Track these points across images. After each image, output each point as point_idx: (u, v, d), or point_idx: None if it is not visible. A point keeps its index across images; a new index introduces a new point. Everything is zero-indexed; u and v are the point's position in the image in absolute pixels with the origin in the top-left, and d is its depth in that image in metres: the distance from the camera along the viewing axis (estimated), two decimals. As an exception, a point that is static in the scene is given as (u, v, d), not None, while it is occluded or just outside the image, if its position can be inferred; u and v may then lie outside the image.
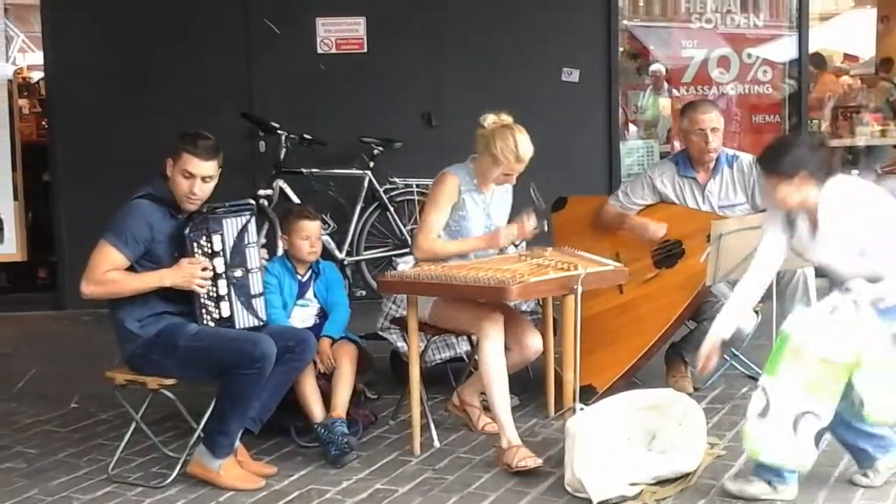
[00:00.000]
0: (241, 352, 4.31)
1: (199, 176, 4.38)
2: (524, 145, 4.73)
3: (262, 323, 4.56)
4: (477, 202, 4.92)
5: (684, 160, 5.59)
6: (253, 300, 4.54)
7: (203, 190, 4.41)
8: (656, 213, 5.59)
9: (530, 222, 4.90)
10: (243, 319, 4.51)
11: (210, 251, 4.43)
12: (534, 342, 4.92)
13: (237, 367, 4.29)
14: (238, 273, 4.49)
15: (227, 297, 4.46)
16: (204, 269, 4.39)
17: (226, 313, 4.47)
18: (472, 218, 4.90)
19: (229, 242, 4.47)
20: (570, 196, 5.99)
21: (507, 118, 4.82)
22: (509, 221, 5.01)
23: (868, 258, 4.00)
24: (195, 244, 4.40)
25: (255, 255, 4.54)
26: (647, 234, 5.46)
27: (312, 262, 5.20)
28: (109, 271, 4.33)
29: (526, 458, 4.46)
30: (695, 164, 5.55)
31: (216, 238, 4.43)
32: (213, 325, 4.44)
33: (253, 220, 4.54)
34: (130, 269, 4.37)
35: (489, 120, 4.81)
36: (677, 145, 8.02)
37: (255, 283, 4.55)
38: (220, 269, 4.44)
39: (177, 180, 4.40)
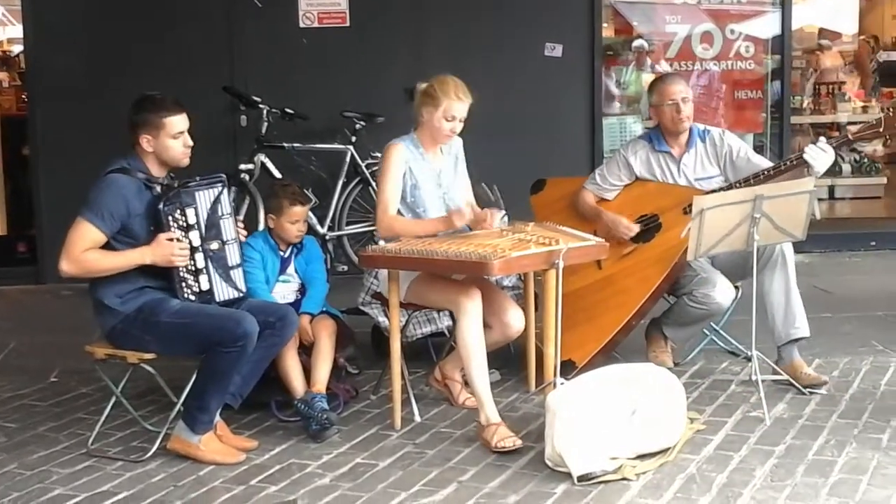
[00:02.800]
0: (223, 329, 4.30)
1: (185, 130, 4.48)
2: (462, 86, 4.85)
3: (241, 294, 4.56)
4: (424, 170, 4.93)
5: (657, 136, 5.58)
6: (231, 272, 4.53)
7: (190, 140, 4.52)
8: (632, 190, 5.58)
9: (494, 219, 4.89)
10: (223, 291, 4.50)
11: (185, 225, 4.41)
12: (515, 321, 4.89)
13: (219, 345, 4.29)
14: (214, 245, 4.48)
15: (205, 270, 4.45)
16: (181, 243, 4.38)
17: (205, 286, 4.46)
18: (423, 186, 4.90)
19: (203, 215, 4.46)
20: (549, 178, 5.99)
21: None
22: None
23: None
24: (170, 218, 4.39)
25: (230, 227, 4.54)
26: (618, 230, 5.45)
27: (298, 241, 5.20)
28: (88, 250, 4.31)
29: (506, 439, 4.46)
30: (668, 137, 5.54)
31: (190, 211, 4.42)
32: (194, 299, 4.43)
33: (225, 191, 4.54)
34: (107, 245, 4.35)
35: (424, 83, 4.93)
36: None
37: (232, 255, 4.54)
38: (196, 242, 4.43)
39: (169, 145, 4.43)
